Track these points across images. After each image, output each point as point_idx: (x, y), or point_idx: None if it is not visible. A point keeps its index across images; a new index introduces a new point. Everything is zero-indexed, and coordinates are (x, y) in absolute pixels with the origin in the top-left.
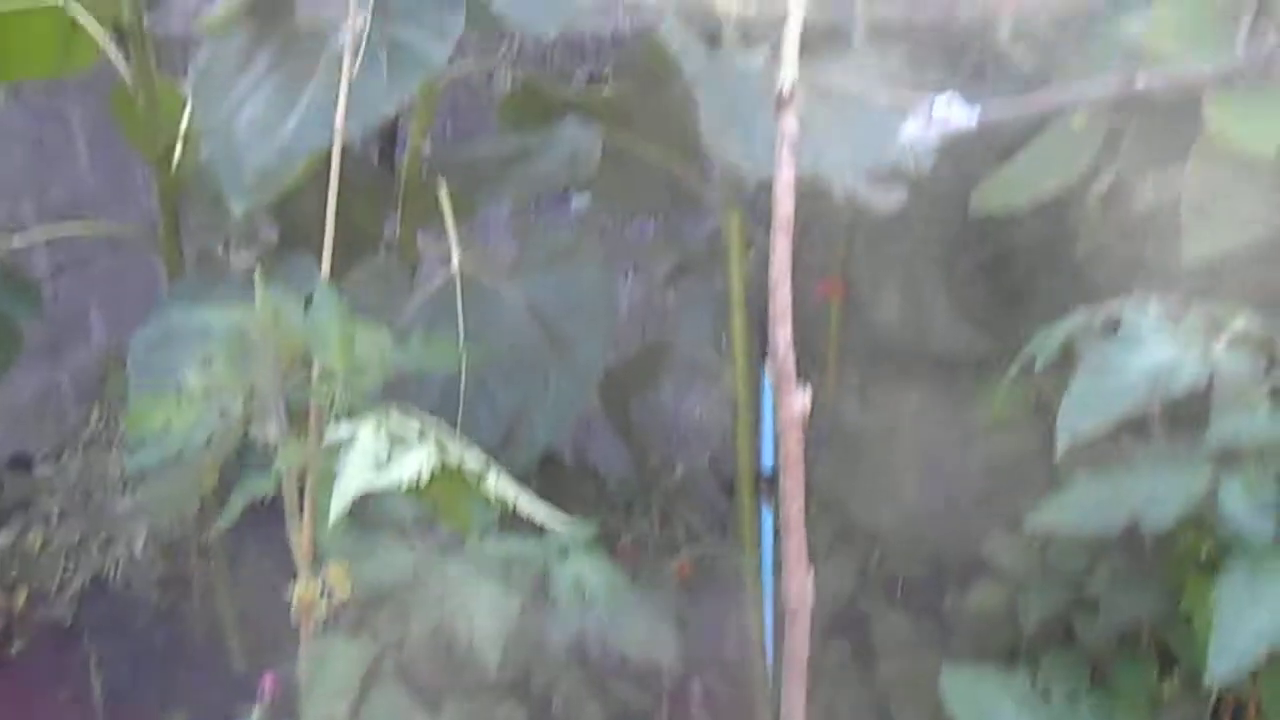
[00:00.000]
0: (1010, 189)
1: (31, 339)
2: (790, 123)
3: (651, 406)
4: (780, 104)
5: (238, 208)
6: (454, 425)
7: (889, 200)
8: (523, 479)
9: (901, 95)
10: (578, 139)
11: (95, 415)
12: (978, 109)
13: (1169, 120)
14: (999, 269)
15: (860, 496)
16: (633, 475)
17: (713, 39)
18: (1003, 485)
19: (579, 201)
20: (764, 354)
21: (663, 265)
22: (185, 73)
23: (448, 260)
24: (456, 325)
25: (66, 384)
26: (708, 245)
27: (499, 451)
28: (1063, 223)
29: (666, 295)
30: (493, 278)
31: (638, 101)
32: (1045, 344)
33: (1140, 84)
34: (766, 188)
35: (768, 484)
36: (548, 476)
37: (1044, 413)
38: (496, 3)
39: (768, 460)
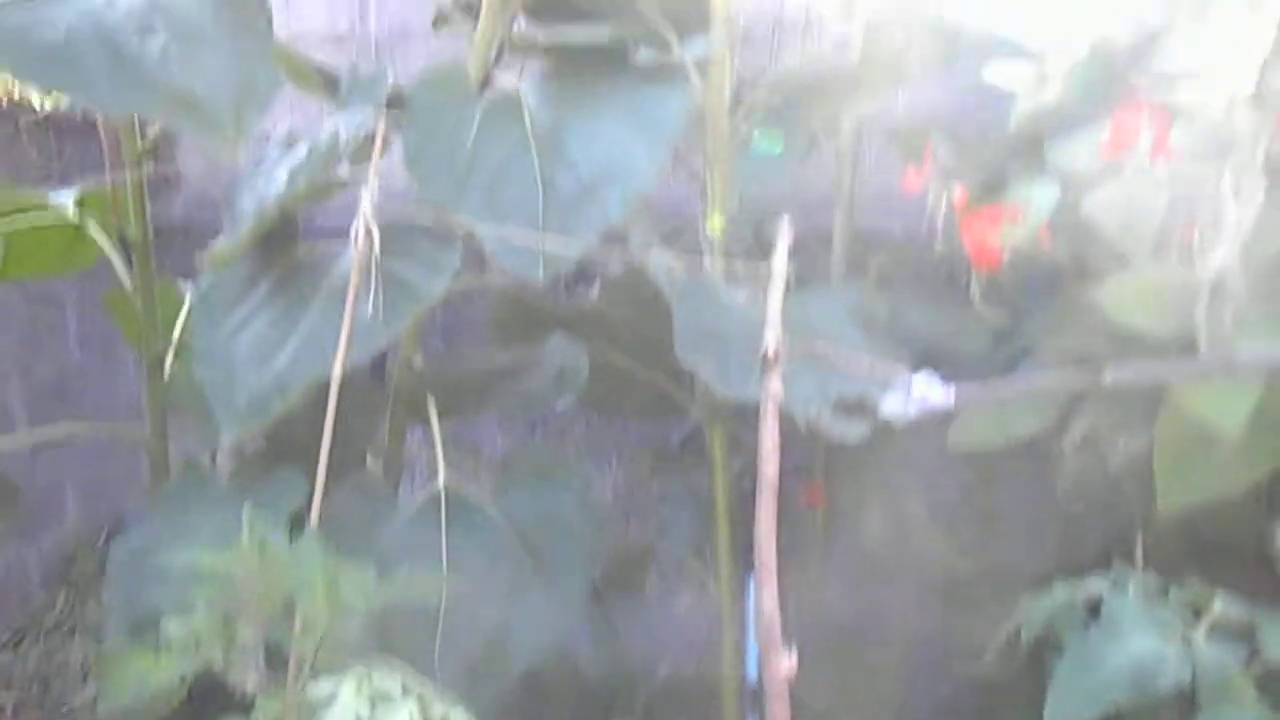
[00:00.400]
0: (985, 429)
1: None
2: (775, 384)
3: (635, 605)
4: (766, 365)
5: (228, 433)
6: (432, 641)
7: (853, 432)
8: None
9: (880, 367)
10: (565, 355)
11: (61, 600)
12: (953, 388)
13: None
14: (980, 488)
15: (846, 703)
16: (615, 676)
17: (696, 268)
18: (990, 702)
19: (563, 400)
20: (748, 561)
21: (646, 459)
22: (183, 268)
23: (434, 471)
24: (440, 541)
25: (34, 565)
26: (690, 442)
27: (478, 669)
28: (1044, 449)
29: (650, 485)
30: (478, 494)
31: (623, 315)
32: (1028, 621)
33: (1108, 379)
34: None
35: (752, 696)
36: (526, 677)
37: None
38: (488, 248)
39: (752, 670)
